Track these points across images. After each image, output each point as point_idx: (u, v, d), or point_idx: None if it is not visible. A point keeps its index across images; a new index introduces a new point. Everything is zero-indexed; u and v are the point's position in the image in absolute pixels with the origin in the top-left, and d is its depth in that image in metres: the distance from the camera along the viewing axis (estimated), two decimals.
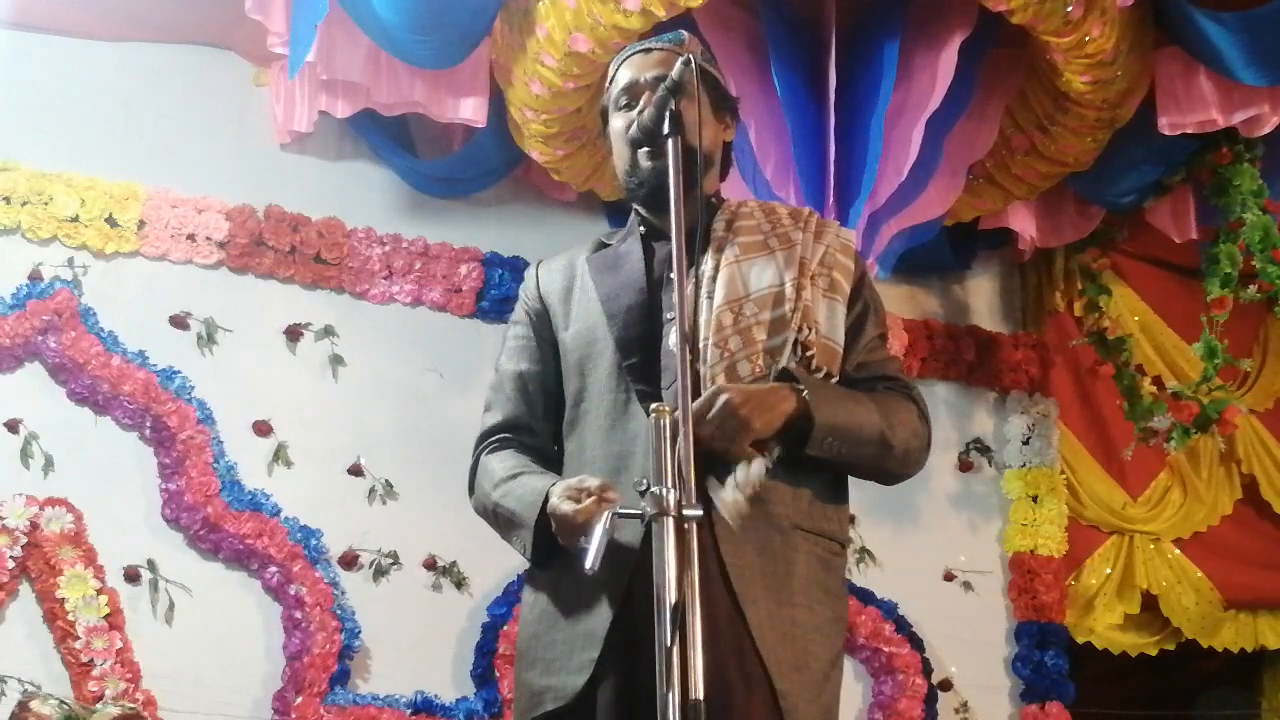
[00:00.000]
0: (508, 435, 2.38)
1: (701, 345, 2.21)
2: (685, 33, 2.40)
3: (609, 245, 2.44)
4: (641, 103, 2.30)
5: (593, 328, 2.32)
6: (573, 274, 2.42)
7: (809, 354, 2.25)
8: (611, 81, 2.43)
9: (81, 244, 4.19)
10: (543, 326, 2.41)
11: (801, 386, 2.18)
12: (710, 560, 2.08)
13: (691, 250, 2.15)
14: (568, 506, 2.10)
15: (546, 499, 2.17)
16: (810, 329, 2.26)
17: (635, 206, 2.43)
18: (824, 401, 2.18)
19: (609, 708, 2.09)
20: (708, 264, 2.29)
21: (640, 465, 2.15)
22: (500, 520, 2.30)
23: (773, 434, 2.14)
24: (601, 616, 2.13)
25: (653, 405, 1.91)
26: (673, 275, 2.13)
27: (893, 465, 2.30)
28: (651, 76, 2.31)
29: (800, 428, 2.16)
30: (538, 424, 2.38)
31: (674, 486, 1.82)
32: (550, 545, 2.18)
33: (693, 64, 2.10)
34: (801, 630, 2.16)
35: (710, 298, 2.25)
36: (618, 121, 2.38)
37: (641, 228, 2.41)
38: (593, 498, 2.08)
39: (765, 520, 2.17)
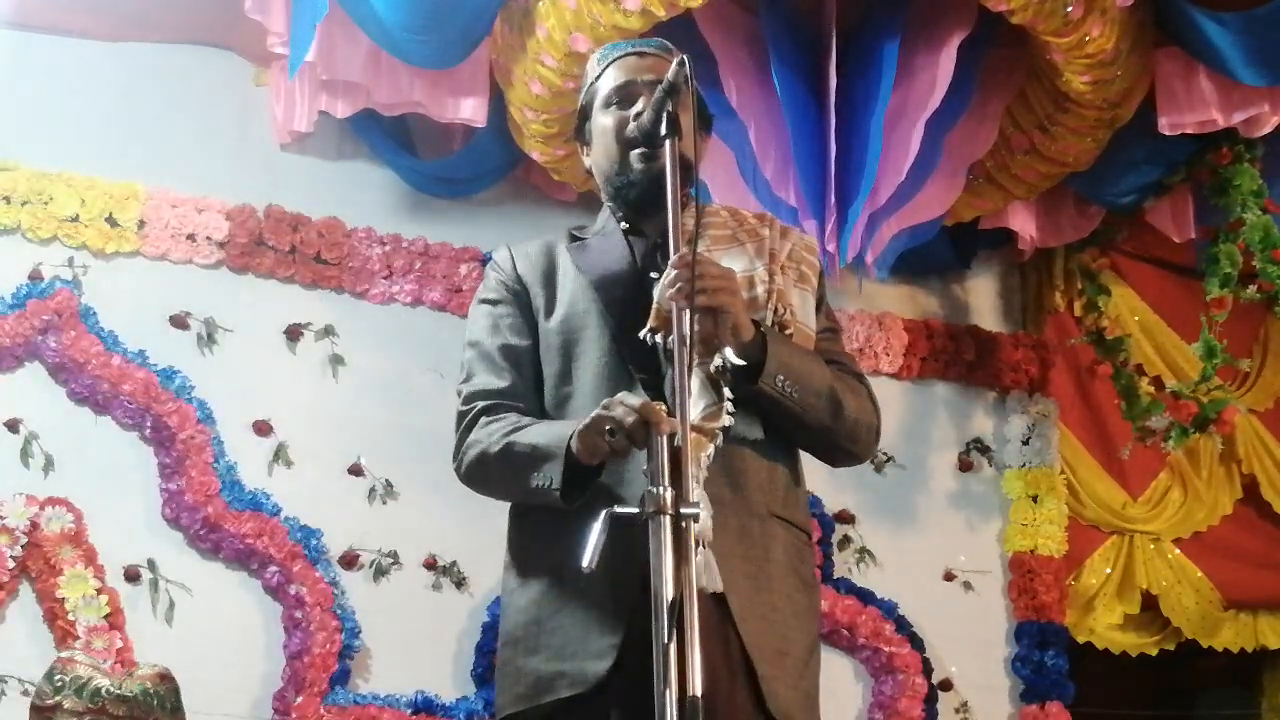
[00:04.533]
0: (504, 402, 2.31)
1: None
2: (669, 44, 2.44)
3: (583, 238, 2.45)
4: (640, 105, 2.31)
5: (583, 313, 2.32)
6: (552, 260, 2.41)
7: (787, 333, 2.29)
8: (598, 79, 2.43)
9: (81, 244, 4.19)
10: (523, 306, 2.39)
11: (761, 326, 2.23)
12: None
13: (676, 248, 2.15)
14: (619, 411, 2.02)
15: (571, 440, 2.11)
16: (786, 309, 2.30)
17: (613, 204, 2.43)
18: (781, 342, 2.23)
19: (629, 696, 2.04)
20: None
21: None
22: (514, 460, 2.19)
23: (732, 334, 2.15)
24: (620, 601, 2.10)
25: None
26: (653, 275, 2.14)
27: (842, 430, 2.30)
28: (649, 79, 2.32)
29: (754, 360, 2.18)
30: (530, 397, 2.33)
31: (670, 485, 1.83)
32: (579, 481, 2.12)
33: (686, 65, 2.11)
34: (781, 617, 2.18)
35: None
36: (607, 119, 2.38)
37: (624, 224, 2.41)
38: (636, 416, 1.99)
39: (744, 506, 2.19)
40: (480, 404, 2.31)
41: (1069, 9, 3.79)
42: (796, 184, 4.19)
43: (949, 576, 5.00)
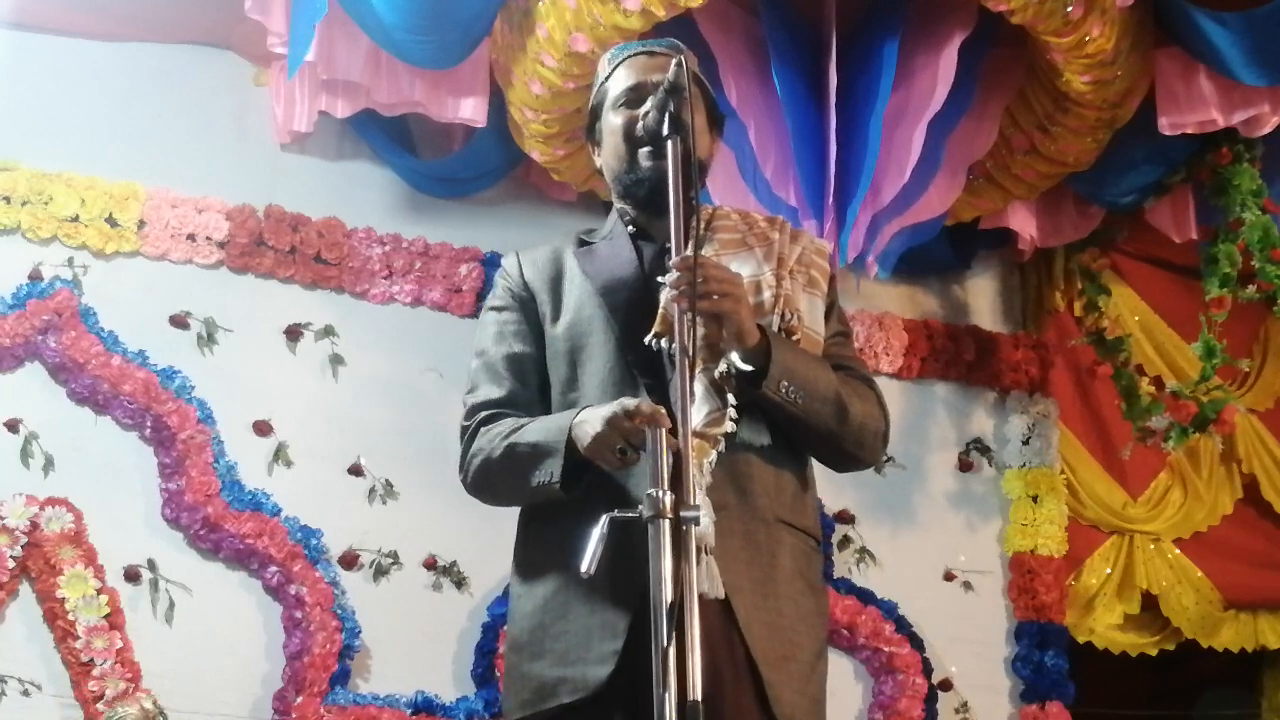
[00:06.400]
0: (505, 411, 2.32)
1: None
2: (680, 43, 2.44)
3: (591, 242, 2.45)
4: (648, 104, 2.32)
5: (588, 319, 2.33)
6: (559, 266, 2.42)
7: (794, 338, 2.29)
8: (609, 79, 2.44)
9: (81, 244, 4.19)
10: (529, 313, 2.40)
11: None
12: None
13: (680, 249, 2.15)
14: (625, 426, 2.04)
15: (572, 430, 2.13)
16: (793, 314, 2.30)
17: (622, 206, 2.44)
18: (785, 348, 2.22)
19: (631, 702, 2.05)
20: None
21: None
22: (516, 461, 2.22)
23: (736, 339, 2.16)
24: (623, 606, 2.10)
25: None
26: (660, 280, 2.14)
27: (848, 435, 2.30)
28: (659, 79, 2.32)
29: (759, 365, 2.18)
30: (534, 405, 2.34)
31: (671, 489, 1.83)
32: (578, 473, 2.14)
33: (684, 64, 2.13)
34: (787, 622, 2.19)
35: None
36: (616, 118, 2.39)
37: (630, 227, 2.42)
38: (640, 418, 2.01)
39: (750, 512, 2.20)
40: (482, 415, 2.34)
41: (1069, 9, 3.79)
42: (796, 184, 4.19)
43: (949, 576, 5.00)
